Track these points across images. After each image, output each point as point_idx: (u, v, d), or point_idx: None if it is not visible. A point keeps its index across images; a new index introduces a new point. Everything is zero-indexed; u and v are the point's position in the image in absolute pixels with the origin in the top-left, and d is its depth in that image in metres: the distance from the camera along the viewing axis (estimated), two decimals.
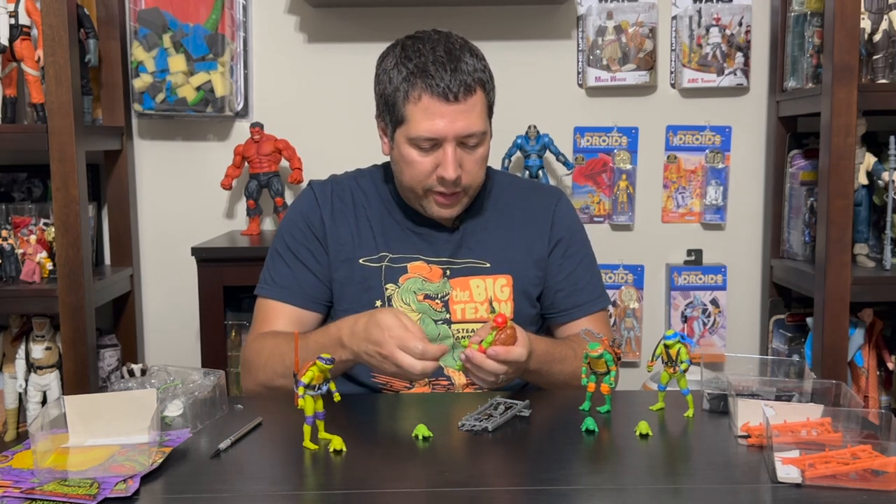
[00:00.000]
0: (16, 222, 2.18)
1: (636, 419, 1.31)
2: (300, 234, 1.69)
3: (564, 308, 1.71)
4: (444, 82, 1.52)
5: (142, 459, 1.16)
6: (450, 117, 1.53)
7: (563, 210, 1.75)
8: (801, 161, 2.30)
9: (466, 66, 1.54)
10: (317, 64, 2.49)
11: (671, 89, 2.50)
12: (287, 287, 1.67)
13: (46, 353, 2.15)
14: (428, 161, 1.57)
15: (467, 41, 1.61)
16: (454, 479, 1.15)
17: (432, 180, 1.58)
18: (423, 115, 1.53)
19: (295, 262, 1.67)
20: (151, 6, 2.38)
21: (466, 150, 1.57)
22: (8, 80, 2.17)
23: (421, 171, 1.58)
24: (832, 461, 1.10)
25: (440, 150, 1.56)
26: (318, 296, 1.67)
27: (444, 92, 1.52)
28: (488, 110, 1.61)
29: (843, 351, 2.04)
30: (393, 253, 1.66)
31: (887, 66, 2.05)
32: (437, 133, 1.54)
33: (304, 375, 1.22)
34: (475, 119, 1.55)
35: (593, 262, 1.77)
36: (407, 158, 1.58)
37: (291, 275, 1.67)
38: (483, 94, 1.58)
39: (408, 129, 1.56)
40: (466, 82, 1.53)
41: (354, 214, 1.69)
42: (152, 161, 2.52)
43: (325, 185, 1.74)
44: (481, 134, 1.57)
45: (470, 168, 1.58)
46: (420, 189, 1.60)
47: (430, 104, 1.53)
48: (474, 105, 1.55)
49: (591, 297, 1.73)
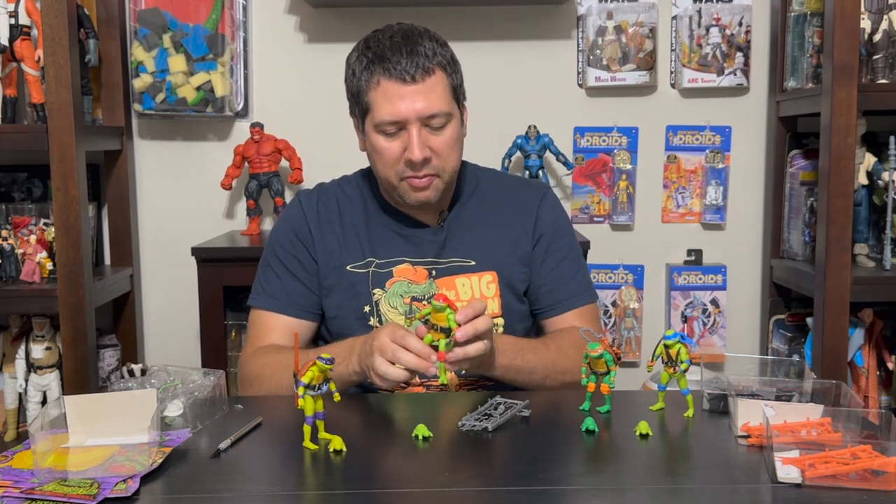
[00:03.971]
0: (16, 222, 2.18)
1: (636, 419, 1.31)
2: (289, 244, 1.70)
3: (549, 303, 1.71)
4: (400, 65, 1.53)
5: (142, 459, 1.16)
6: (409, 98, 1.54)
7: (548, 205, 1.75)
8: (801, 161, 2.30)
9: (424, 48, 1.56)
10: (317, 64, 2.49)
11: (671, 89, 2.50)
12: (278, 298, 1.68)
13: (46, 353, 2.15)
14: (395, 146, 1.57)
15: (429, 30, 1.62)
16: (454, 479, 1.15)
17: (401, 166, 1.58)
18: (383, 100, 1.55)
19: (284, 272, 1.69)
20: (151, 6, 2.38)
21: (432, 132, 1.57)
22: (8, 80, 2.17)
23: (390, 157, 1.58)
24: (832, 461, 1.10)
25: (405, 134, 1.56)
26: (308, 305, 1.69)
27: (400, 74, 1.53)
28: (453, 93, 1.60)
29: (843, 351, 2.04)
30: (379, 258, 1.67)
31: (887, 66, 2.05)
32: (398, 115, 1.55)
33: (304, 375, 1.22)
34: (436, 100, 1.55)
35: (579, 257, 1.76)
36: (376, 147, 1.59)
37: (281, 285, 1.69)
38: (444, 75, 1.58)
39: (373, 117, 1.57)
40: (423, 64, 1.54)
41: (340, 222, 1.70)
42: (152, 161, 2.52)
43: (311, 194, 1.75)
44: (445, 114, 1.57)
45: (440, 150, 1.58)
46: (394, 177, 1.60)
47: (388, 87, 1.54)
48: (434, 85, 1.55)
49: (576, 291, 1.72)
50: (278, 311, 1.68)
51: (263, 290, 1.70)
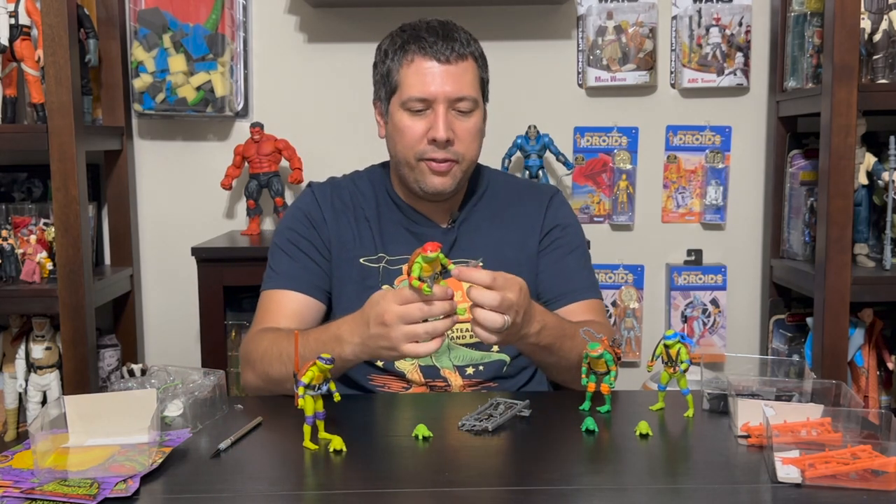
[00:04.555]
0: (16, 222, 2.18)
1: (636, 419, 1.31)
2: (302, 227, 1.69)
3: (553, 295, 1.68)
4: (436, 46, 1.56)
5: (142, 459, 1.16)
6: (441, 78, 1.56)
7: (556, 205, 1.75)
8: (801, 161, 2.30)
9: (459, 36, 1.59)
10: (317, 64, 2.49)
11: (671, 89, 2.50)
12: (291, 277, 1.65)
13: (46, 353, 2.15)
14: (420, 125, 1.58)
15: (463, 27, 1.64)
16: (454, 479, 1.15)
17: (423, 146, 1.59)
18: (415, 76, 1.57)
19: (297, 252, 1.67)
20: (151, 6, 2.38)
21: (458, 117, 1.59)
22: (8, 80, 2.17)
23: (413, 137, 1.59)
24: (832, 461, 1.10)
25: (431, 114, 1.57)
26: (321, 283, 1.66)
27: (435, 53, 1.56)
28: (481, 85, 1.62)
29: (843, 351, 2.04)
30: (389, 255, 1.67)
31: (887, 66, 2.05)
32: (427, 93, 1.56)
33: (304, 375, 1.22)
34: (466, 84, 1.58)
35: (585, 255, 1.76)
36: (399, 126, 1.60)
37: (294, 265, 1.66)
38: (476, 66, 1.61)
39: (401, 94, 1.58)
40: (459, 49, 1.57)
41: (354, 215, 1.70)
42: (152, 161, 2.52)
43: (324, 186, 1.75)
44: (473, 100, 1.59)
45: (463, 135, 1.59)
46: (413, 157, 1.60)
47: (421, 64, 1.57)
48: (466, 70, 1.58)
49: (580, 285, 1.69)
50: (290, 289, 1.64)
51: (275, 273, 1.67)
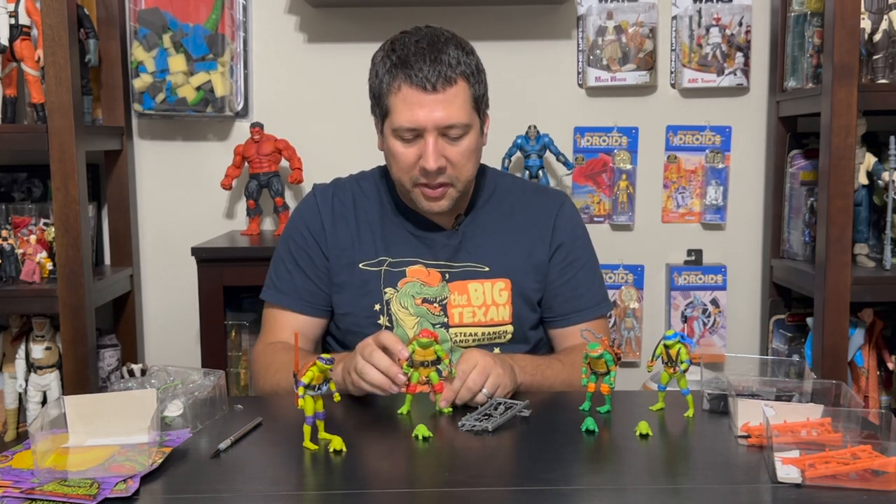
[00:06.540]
0: (16, 222, 2.18)
1: (636, 419, 1.31)
2: (301, 239, 1.71)
3: (562, 313, 1.72)
4: (422, 73, 1.53)
5: (142, 459, 1.16)
6: (429, 107, 1.53)
7: (566, 215, 1.74)
8: (801, 161, 2.30)
9: (448, 57, 1.55)
10: (317, 64, 2.49)
11: (671, 89, 2.50)
12: (287, 293, 1.71)
13: (46, 353, 2.15)
14: (411, 152, 1.57)
15: (456, 36, 1.61)
16: (454, 479, 1.15)
17: (416, 172, 1.58)
18: (403, 106, 1.55)
19: (295, 267, 1.70)
20: (151, 6, 2.38)
21: (449, 142, 1.57)
22: (8, 80, 2.17)
23: (405, 163, 1.58)
24: (832, 461, 1.10)
25: (422, 141, 1.56)
26: (317, 301, 1.70)
27: (421, 81, 1.53)
28: (474, 103, 1.59)
29: (843, 351, 2.04)
30: (392, 257, 1.67)
31: (887, 66, 2.05)
32: (415, 123, 1.54)
33: (304, 375, 1.22)
34: (456, 110, 1.55)
35: (595, 267, 1.77)
36: (392, 150, 1.59)
37: (291, 280, 1.71)
38: (467, 85, 1.57)
39: (391, 121, 1.57)
40: (446, 73, 1.53)
41: (355, 218, 1.70)
42: (152, 161, 2.52)
43: (326, 189, 1.75)
44: (463, 126, 1.56)
45: (456, 160, 1.58)
46: (407, 182, 1.61)
47: (408, 94, 1.54)
48: (455, 96, 1.55)
49: (590, 303, 1.73)
50: (287, 308, 1.70)
51: (274, 285, 1.73)
